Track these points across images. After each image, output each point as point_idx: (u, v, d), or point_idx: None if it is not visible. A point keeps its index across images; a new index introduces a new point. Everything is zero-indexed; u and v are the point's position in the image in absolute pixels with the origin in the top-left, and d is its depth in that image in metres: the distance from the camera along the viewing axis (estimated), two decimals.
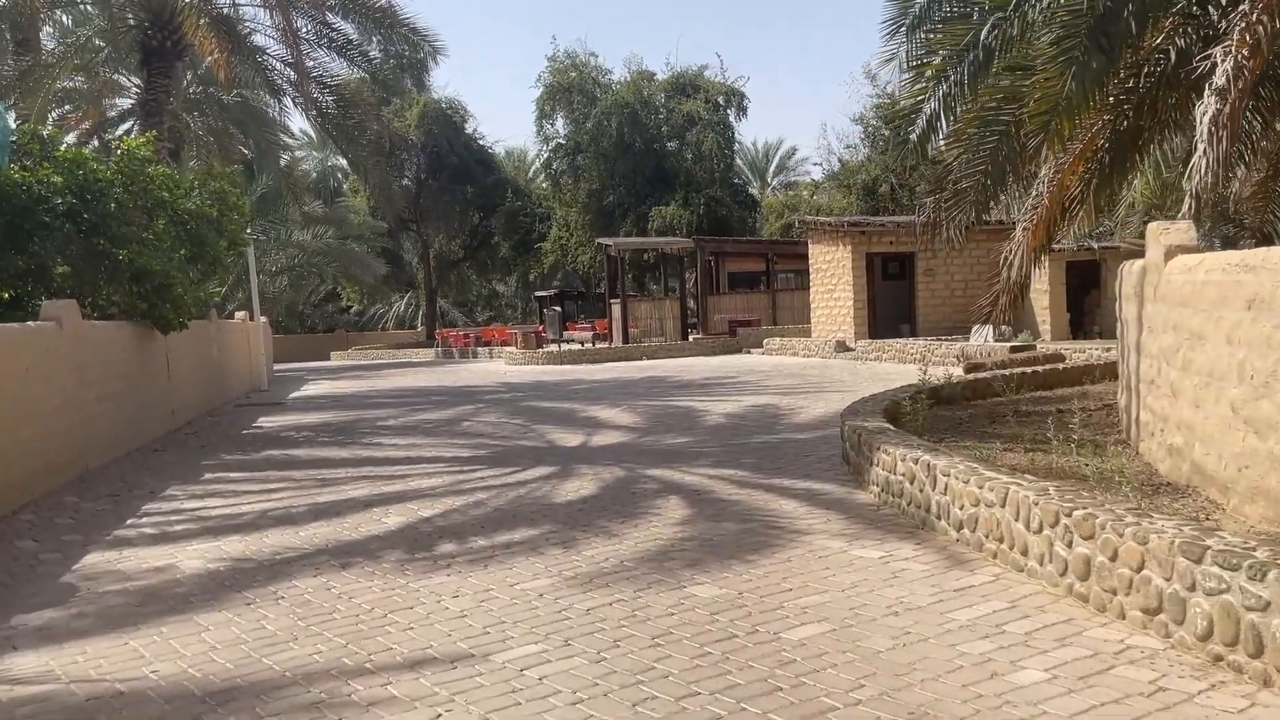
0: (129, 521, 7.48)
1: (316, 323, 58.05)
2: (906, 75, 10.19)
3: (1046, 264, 21.96)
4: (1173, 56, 7.91)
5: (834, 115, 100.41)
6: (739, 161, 49.36)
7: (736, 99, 41.45)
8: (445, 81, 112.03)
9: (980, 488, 5.39)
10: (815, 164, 59.37)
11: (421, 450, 10.67)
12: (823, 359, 22.36)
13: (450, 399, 17.25)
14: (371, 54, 18.21)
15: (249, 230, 22.32)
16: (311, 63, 16.82)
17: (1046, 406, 9.77)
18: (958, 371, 15.60)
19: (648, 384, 18.16)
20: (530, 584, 5.27)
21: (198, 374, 16.01)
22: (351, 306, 58.34)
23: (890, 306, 23.67)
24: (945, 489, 5.78)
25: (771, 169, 65.53)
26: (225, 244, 12.83)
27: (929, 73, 9.71)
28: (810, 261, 25.04)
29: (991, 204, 9.41)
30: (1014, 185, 9.69)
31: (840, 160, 38.17)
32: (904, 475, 6.37)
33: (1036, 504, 4.82)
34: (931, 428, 8.35)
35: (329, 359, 45.67)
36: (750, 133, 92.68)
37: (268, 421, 14.75)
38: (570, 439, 11.00)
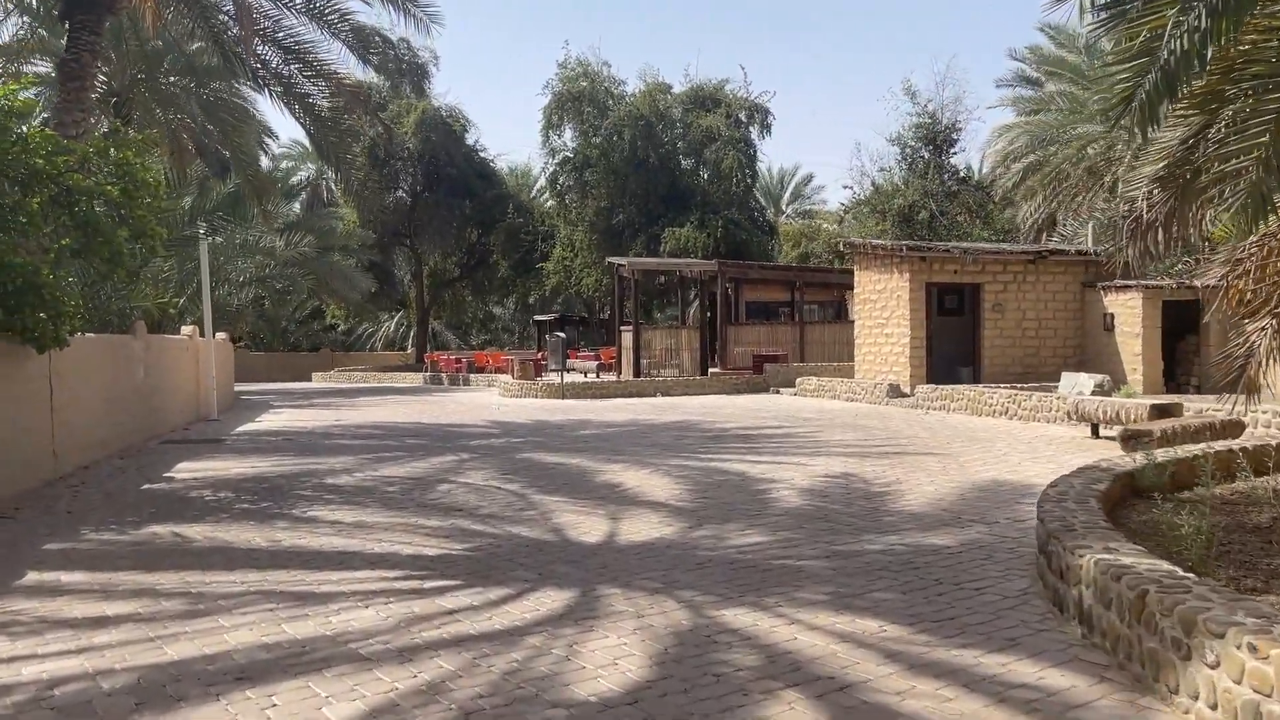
0: None
1: (301, 340, 54.68)
2: (1093, 20, 6.96)
3: (1139, 302, 18.77)
4: None
5: (868, 135, 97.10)
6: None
7: (760, 115, 38.39)
8: (446, 88, 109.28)
9: None
10: (846, 186, 56.23)
11: (369, 539, 7.27)
12: (874, 405, 19.01)
13: (429, 444, 13.86)
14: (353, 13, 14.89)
15: (202, 229, 19.07)
16: (262, 17, 13.54)
17: None
18: (1077, 434, 12.31)
19: (674, 431, 14.78)
20: None
21: (107, 403, 12.62)
22: (338, 325, 54.96)
23: (948, 346, 20.37)
24: None
25: (786, 196, 62.71)
26: (126, 234, 9.52)
27: (1134, 8, 6.46)
28: (856, 291, 21.75)
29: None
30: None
31: (874, 183, 35.00)
32: None
33: None
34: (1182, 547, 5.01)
35: (309, 380, 42.35)
36: (768, 154, 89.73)
37: (186, 470, 11.34)
38: (588, 526, 7.61)
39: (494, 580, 5.92)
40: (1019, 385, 17.78)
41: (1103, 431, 12.58)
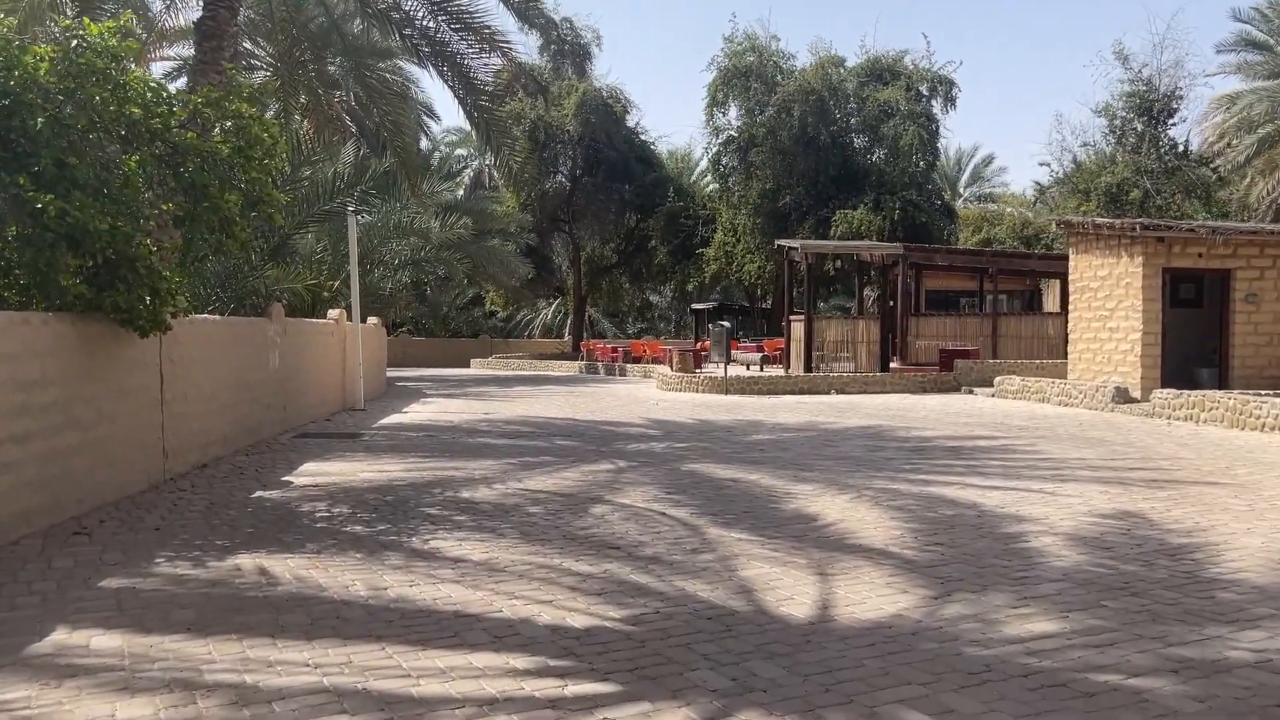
0: None
1: (461, 327, 54.75)
2: None
3: None
4: None
5: (1069, 106, 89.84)
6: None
7: (944, 87, 35.06)
8: (607, 68, 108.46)
9: None
10: (1042, 163, 51.59)
11: (498, 591, 5.48)
12: (1096, 412, 16.18)
13: (582, 446, 12.15)
14: None
15: (351, 206, 18.00)
16: None
17: None
18: None
19: (864, 440, 12.57)
20: None
21: (233, 394, 11.43)
22: (497, 311, 54.74)
23: (1182, 343, 17.28)
24: None
25: (964, 178, 58.73)
26: (235, 199, 8.12)
27: None
28: (1071, 278, 18.86)
29: None
30: None
31: (1075, 159, 31.35)
32: None
33: None
34: None
35: (468, 366, 41.94)
36: (951, 130, 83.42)
37: (309, 473, 9.95)
38: (788, 587, 5.58)
39: (665, 688, 3.99)
40: None
41: None
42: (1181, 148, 29.18)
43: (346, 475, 9.74)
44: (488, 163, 51.50)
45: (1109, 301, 17.43)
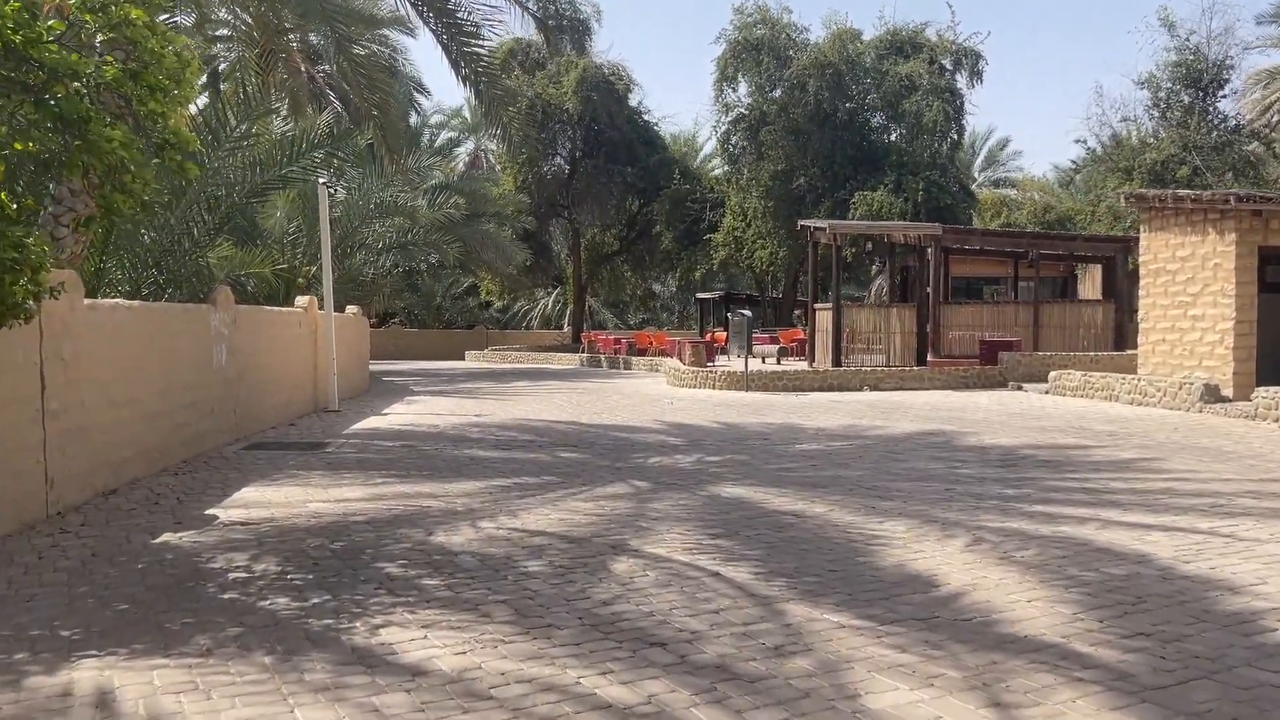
0: None
1: (456, 317, 52.47)
2: None
3: None
4: None
5: (1110, 78, 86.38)
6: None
7: (970, 60, 32.81)
8: (608, 44, 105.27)
9: None
10: (1078, 140, 48.78)
11: None
12: (1181, 412, 14.01)
13: (591, 460, 9.96)
14: None
15: (321, 172, 15.68)
16: None
17: None
18: None
19: (931, 451, 10.39)
20: None
21: (160, 399, 9.20)
22: (493, 301, 52.42)
23: (1271, 333, 15.12)
24: None
25: (978, 162, 56.39)
26: (121, 136, 5.94)
27: None
28: (1143, 259, 16.65)
29: None
30: None
31: (1114, 135, 29.10)
32: None
33: None
34: None
35: (463, 359, 39.77)
36: (978, 106, 78.95)
37: (243, 503, 7.75)
38: None
39: None
40: None
41: None
42: (1233, 121, 26.99)
43: (291, 507, 7.53)
44: (484, 147, 49.24)
45: (1191, 286, 15.24)
